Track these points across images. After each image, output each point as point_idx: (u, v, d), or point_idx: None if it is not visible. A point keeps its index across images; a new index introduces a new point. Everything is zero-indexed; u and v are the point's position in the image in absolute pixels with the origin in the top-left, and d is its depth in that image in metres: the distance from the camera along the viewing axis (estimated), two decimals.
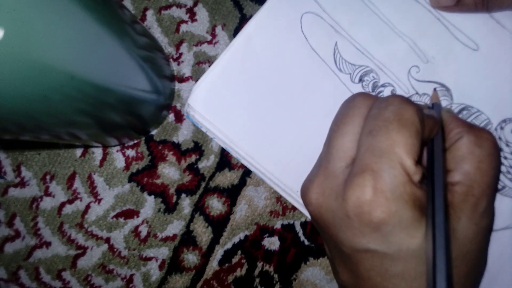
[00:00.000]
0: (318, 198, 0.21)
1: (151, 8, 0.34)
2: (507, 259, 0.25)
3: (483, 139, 0.21)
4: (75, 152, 0.34)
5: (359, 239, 0.19)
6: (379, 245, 0.19)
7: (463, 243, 0.20)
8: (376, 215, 0.18)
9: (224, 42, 0.34)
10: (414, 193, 0.18)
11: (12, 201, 0.34)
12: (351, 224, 0.19)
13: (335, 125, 0.22)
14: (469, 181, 0.20)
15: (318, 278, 0.32)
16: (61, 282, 0.34)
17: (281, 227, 0.33)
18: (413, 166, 0.18)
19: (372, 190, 0.18)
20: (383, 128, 0.19)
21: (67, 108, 0.22)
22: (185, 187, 0.33)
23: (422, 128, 0.19)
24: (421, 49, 0.26)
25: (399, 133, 0.19)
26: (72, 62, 0.20)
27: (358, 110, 0.21)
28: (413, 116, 0.19)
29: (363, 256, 0.20)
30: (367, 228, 0.19)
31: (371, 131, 0.19)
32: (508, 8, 0.25)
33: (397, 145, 0.18)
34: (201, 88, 0.27)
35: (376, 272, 0.20)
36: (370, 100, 0.22)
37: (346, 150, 0.21)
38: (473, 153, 0.20)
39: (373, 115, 0.20)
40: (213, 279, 0.33)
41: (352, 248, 0.20)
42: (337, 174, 0.20)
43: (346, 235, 0.20)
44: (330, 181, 0.21)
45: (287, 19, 0.27)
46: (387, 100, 0.20)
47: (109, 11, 0.23)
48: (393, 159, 0.18)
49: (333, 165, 0.21)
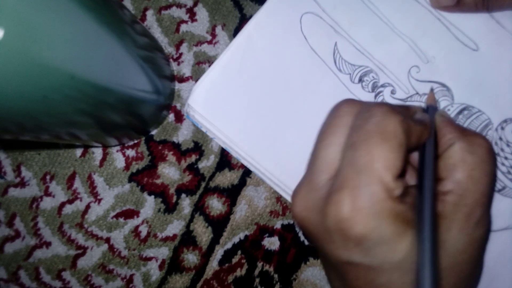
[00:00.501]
0: (302, 212, 0.21)
1: (151, 8, 0.34)
2: (507, 259, 0.25)
3: (476, 145, 0.20)
4: (75, 152, 0.34)
5: (342, 252, 0.19)
6: (362, 258, 0.19)
7: (453, 254, 0.19)
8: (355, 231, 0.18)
9: (224, 42, 0.34)
10: (393, 209, 0.18)
11: (12, 201, 0.34)
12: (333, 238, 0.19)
13: (320, 135, 0.22)
14: (460, 190, 0.20)
15: (318, 278, 0.32)
16: (61, 282, 0.34)
17: (281, 227, 0.33)
18: (393, 181, 0.18)
19: (350, 207, 0.18)
20: (363, 141, 0.19)
21: (67, 108, 0.22)
22: (185, 187, 0.33)
23: (406, 139, 0.19)
24: (421, 49, 0.26)
25: (380, 146, 0.18)
26: (72, 62, 0.20)
27: (342, 119, 0.21)
28: (395, 128, 0.19)
29: (348, 268, 0.20)
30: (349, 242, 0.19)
31: (353, 144, 0.19)
32: (508, 8, 0.25)
33: (377, 160, 0.18)
34: (201, 88, 0.27)
35: (362, 282, 0.20)
36: (355, 107, 0.21)
37: (330, 162, 0.20)
38: (465, 161, 0.20)
39: (356, 127, 0.20)
40: (213, 279, 0.33)
41: (337, 260, 0.20)
42: (320, 187, 0.20)
43: (330, 247, 0.20)
44: (313, 195, 0.20)
45: (287, 19, 0.27)
46: (370, 110, 0.20)
47: (109, 11, 0.23)
48: (372, 175, 0.18)
49: (316, 177, 0.21)
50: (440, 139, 0.21)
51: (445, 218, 0.19)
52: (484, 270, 0.25)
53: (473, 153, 0.20)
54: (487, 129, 0.25)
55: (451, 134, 0.21)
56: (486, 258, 0.25)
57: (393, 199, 0.18)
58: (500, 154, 0.25)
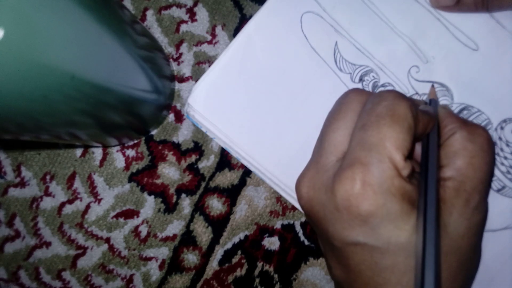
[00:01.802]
0: (309, 192, 0.21)
1: (151, 8, 0.34)
2: (507, 259, 0.25)
3: (476, 134, 0.21)
4: (75, 152, 0.34)
5: (348, 232, 0.19)
6: (368, 238, 0.19)
7: (454, 238, 0.20)
8: (363, 208, 0.18)
9: (224, 42, 0.34)
10: (402, 187, 0.19)
11: (12, 201, 0.34)
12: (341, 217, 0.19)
13: (328, 120, 0.22)
14: (461, 177, 0.20)
15: (318, 278, 0.32)
16: (61, 282, 0.34)
17: (281, 227, 0.33)
18: (402, 161, 0.19)
19: (360, 183, 0.18)
20: (375, 122, 0.19)
21: (67, 108, 0.22)
22: (185, 187, 0.33)
23: (414, 124, 0.19)
24: (421, 49, 0.26)
25: (390, 128, 0.19)
26: (72, 62, 0.20)
27: (351, 105, 0.22)
28: (405, 111, 0.19)
29: (353, 249, 0.20)
30: (356, 221, 0.19)
31: (363, 126, 0.20)
32: (508, 8, 0.25)
33: (388, 139, 0.19)
34: (201, 88, 0.27)
35: (366, 266, 0.20)
36: (363, 95, 0.22)
37: (338, 144, 0.21)
38: (466, 149, 0.20)
39: (366, 110, 0.20)
40: (213, 279, 0.33)
41: (342, 242, 0.20)
42: (328, 168, 0.21)
43: (336, 228, 0.20)
44: (321, 175, 0.21)
45: (287, 18, 0.27)
46: (381, 95, 0.20)
47: (109, 11, 0.23)
48: (383, 153, 0.19)
49: (325, 159, 0.21)
50: (442, 129, 0.22)
51: (446, 203, 0.20)
52: (484, 270, 0.25)
53: (474, 141, 0.21)
54: (487, 128, 0.25)
55: (453, 124, 0.22)
56: (486, 258, 0.25)
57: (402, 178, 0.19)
58: (499, 154, 0.25)
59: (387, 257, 0.19)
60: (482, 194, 0.21)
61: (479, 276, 0.24)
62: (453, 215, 0.20)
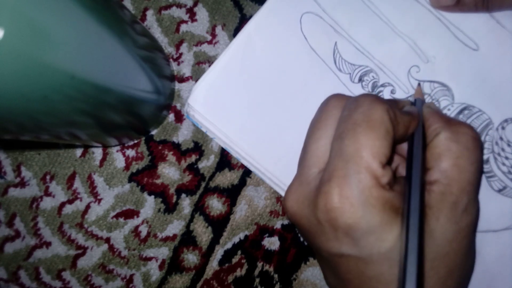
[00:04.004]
0: (293, 206, 0.21)
1: (151, 8, 0.34)
2: (507, 259, 0.25)
3: (460, 134, 0.20)
4: (75, 152, 0.34)
5: (332, 244, 0.19)
6: (351, 250, 0.19)
7: (442, 243, 0.19)
8: (342, 221, 0.18)
9: (224, 42, 0.34)
10: (382, 196, 0.18)
11: (12, 201, 0.34)
12: (324, 230, 0.19)
13: (310, 130, 0.22)
14: (446, 179, 0.20)
15: (318, 278, 0.32)
16: (61, 282, 0.34)
17: (281, 227, 0.33)
18: (380, 169, 0.18)
19: (338, 197, 0.18)
20: (351, 131, 0.19)
21: (67, 108, 0.22)
22: (185, 187, 0.33)
23: (393, 127, 0.19)
24: (421, 49, 0.26)
25: (366, 135, 0.18)
26: (72, 62, 0.20)
27: (330, 113, 0.21)
28: (382, 115, 0.19)
29: (339, 260, 0.20)
30: (338, 233, 0.19)
31: (340, 134, 0.19)
32: (508, 8, 0.25)
33: (364, 148, 0.18)
34: (201, 88, 0.27)
35: (353, 275, 0.20)
36: (343, 101, 0.21)
37: (320, 155, 0.21)
38: (450, 150, 0.20)
39: (343, 118, 0.20)
40: (213, 279, 0.33)
41: (328, 253, 0.20)
42: (310, 181, 0.20)
43: (320, 240, 0.20)
44: (303, 188, 0.21)
45: (287, 19, 0.27)
46: (357, 100, 0.20)
47: (109, 11, 0.23)
48: (359, 163, 0.18)
49: (307, 171, 0.21)
50: (427, 129, 0.21)
51: (432, 208, 0.19)
52: (484, 270, 0.25)
53: (458, 141, 0.20)
54: (488, 128, 0.25)
55: (437, 124, 0.21)
56: (487, 258, 0.25)
57: (381, 187, 0.18)
58: (500, 154, 0.25)
59: (372, 267, 0.19)
60: (470, 195, 0.20)
61: (479, 276, 0.24)
62: (440, 220, 0.19)
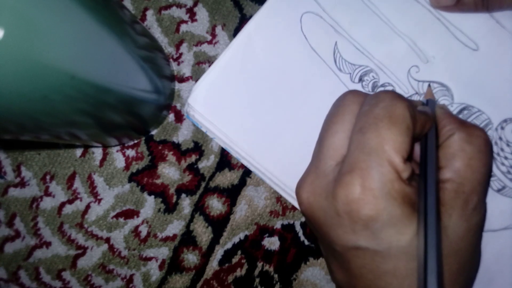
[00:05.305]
0: (309, 197, 0.21)
1: (151, 8, 0.34)
2: (507, 259, 0.25)
3: (474, 136, 0.21)
4: (75, 152, 0.34)
5: (349, 237, 0.19)
6: (369, 242, 0.19)
7: (454, 240, 0.20)
8: (364, 213, 0.18)
9: (224, 42, 0.34)
10: (403, 190, 0.19)
11: (12, 201, 0.34)
12: (342, 222, 0.19)
13: (326, 124, 0.22)
14: (459, 178, 0.20)
15: (318, 278, 0.32)
16: (61, 282, 0.34)
17: (281, 227, 0.33)
18: (402, 164, 0.19)
19: (361, 188, 0.18)
20: (373, 125, 0.19)
21: (67, 108, 0.22)
22: (185, 187, 0.33)
23: (413, 125, 0.19)
24: (421, 49, 0.26)
25: (389, 130, 0.19)
26: (72, 62, 0.20)
27: (348, 107, 0.21)
28: (403, 112, 0.19)
29: (354, 253, 0.20)
30: (357, 225, 0.19)
31: (361, 129, 0.19)
32: (508, 8, 0.25)
33: (387, 142, 0.18)
34: (201, 88, 0.27)
35: (368, 270, 0.20)
36: (360, 97, 0.22)
37: (337, 148, 0.21)
38: (464, 150, 0.20)
39: (364, 112, 0.20)
40: (213, 279, 0.33)
41: (344, 246, 0.20)
42: (328, 173, 0.21)
43: (337, 233, 0.20)
44: (320, 180, 0.21)
45: (287, 19, 0.27)
46: (378, 97, 0.20)
47: (109, 11, 0.23)
48: (382, 157, 0.18)
49: (324, 163, 0.21)
50: (440, 130, 0.22)
51: (445, 205, 0.20)
52: (483, 270, 0.25)
53: (472, 143, 0.21)
54: (487, 128, 0.25)
55: (451, 125, 0.21)
56: (486, 258, 0.25)
57: (403, 181, 0.19)
58: (500, 154, 0.25)
59: (389, 261, 0.19)
60: (480, 195, 0.21)
61: (479, 276, 0.24)
62: (452, 217, 0.20)
